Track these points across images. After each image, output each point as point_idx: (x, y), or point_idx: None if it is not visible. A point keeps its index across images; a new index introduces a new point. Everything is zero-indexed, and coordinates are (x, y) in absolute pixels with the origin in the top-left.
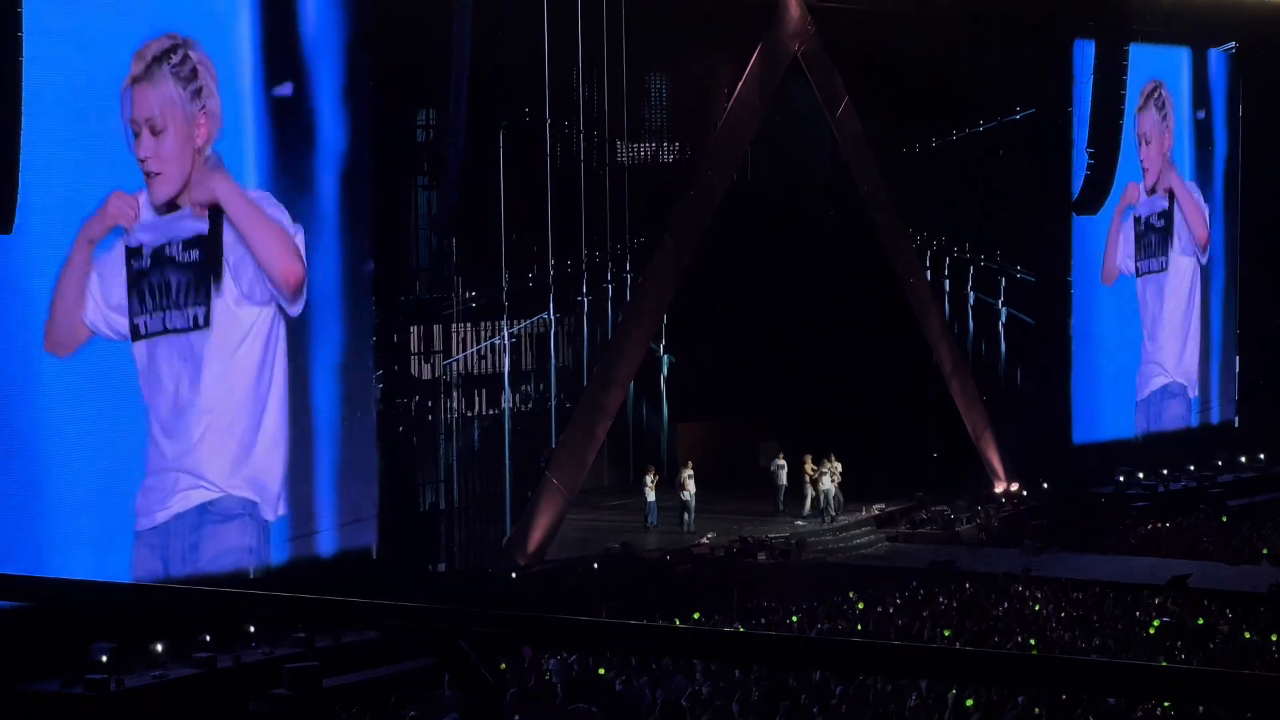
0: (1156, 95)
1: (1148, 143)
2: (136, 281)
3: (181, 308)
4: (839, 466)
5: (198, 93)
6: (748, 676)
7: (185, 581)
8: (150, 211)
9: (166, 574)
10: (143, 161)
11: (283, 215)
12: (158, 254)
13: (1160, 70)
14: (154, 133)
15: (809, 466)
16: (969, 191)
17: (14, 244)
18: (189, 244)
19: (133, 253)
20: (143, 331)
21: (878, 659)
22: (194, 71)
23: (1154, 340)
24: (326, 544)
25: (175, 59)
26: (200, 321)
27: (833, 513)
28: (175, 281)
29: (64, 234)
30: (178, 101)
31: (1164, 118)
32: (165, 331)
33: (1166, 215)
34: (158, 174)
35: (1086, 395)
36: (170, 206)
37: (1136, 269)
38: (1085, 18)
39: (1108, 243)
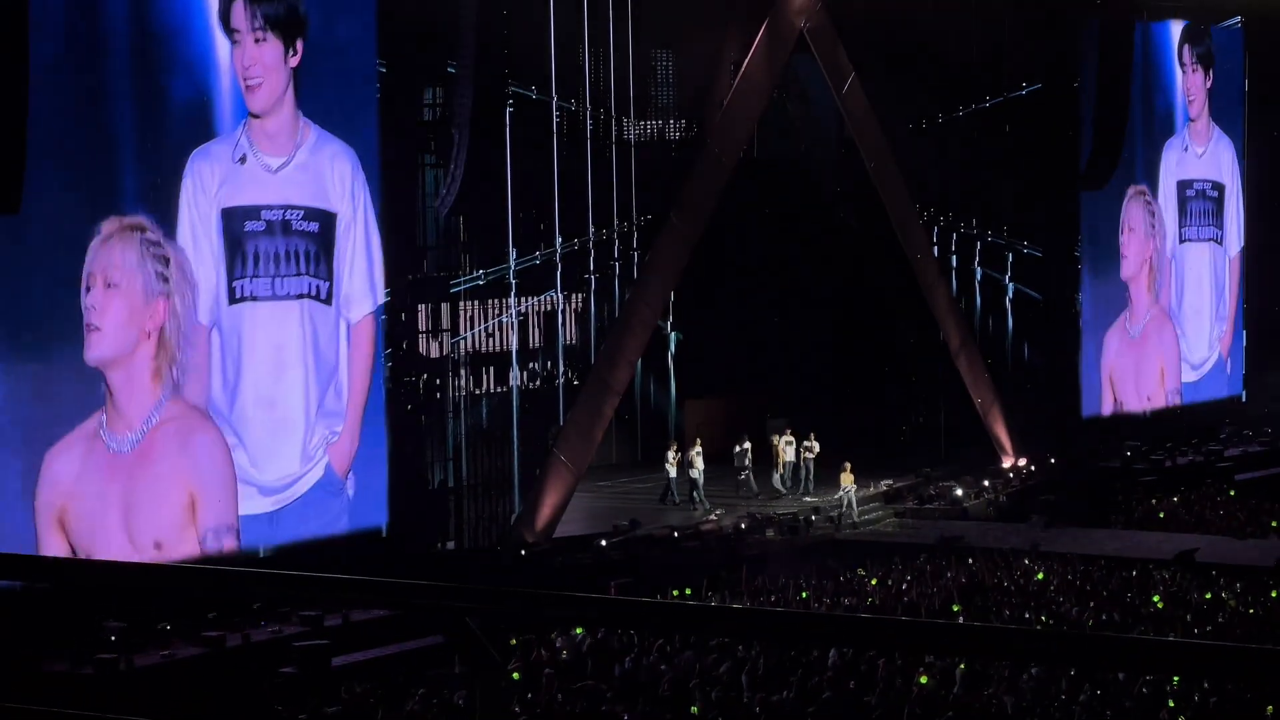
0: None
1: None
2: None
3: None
4: (815, 445)
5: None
6: (751, 651)
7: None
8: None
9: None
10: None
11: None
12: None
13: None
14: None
15: (775, 440)
16: (976, 167)
17: None
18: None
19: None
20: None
21: (886, 635)
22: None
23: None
24: (337, 522)
25: None
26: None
27: (783, 488)
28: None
29: None
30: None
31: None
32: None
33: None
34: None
35: (1094, 370)
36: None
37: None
38: None
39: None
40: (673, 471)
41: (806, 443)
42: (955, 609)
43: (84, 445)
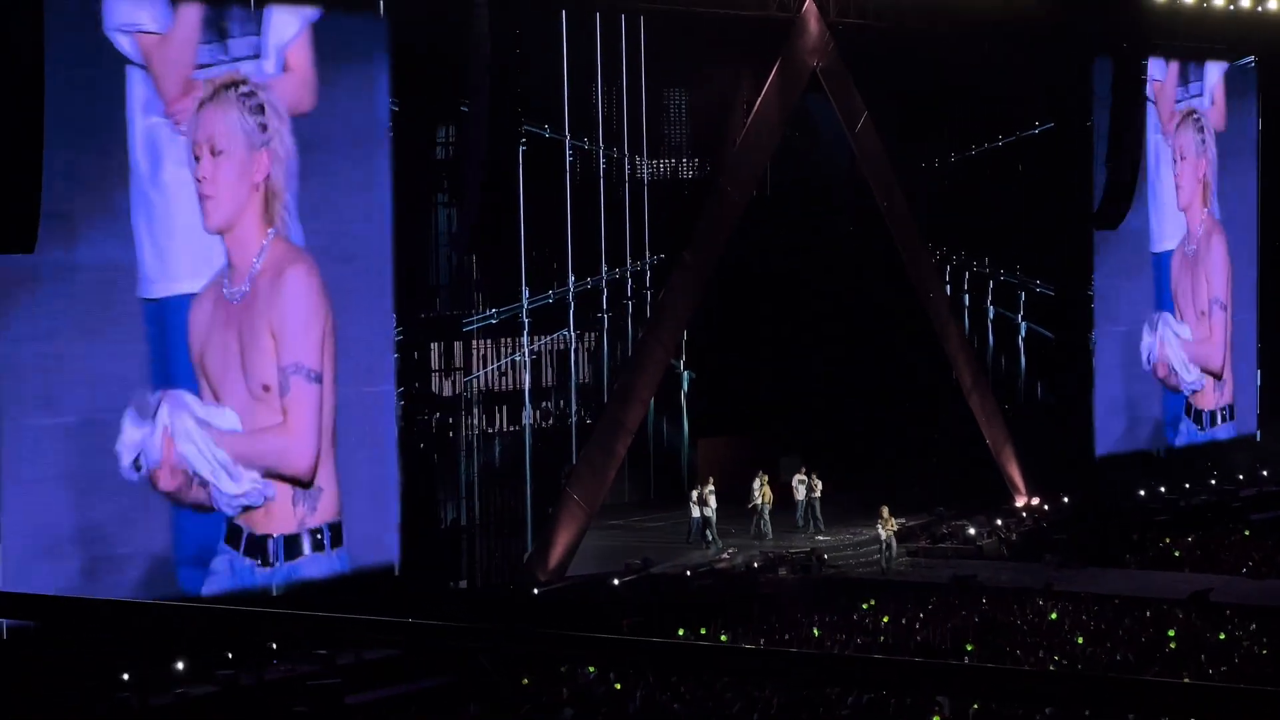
0: (1195, 118)
1: (1182, 158)
2: None
3: None
4: (818, 483)
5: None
6: (765, 690)
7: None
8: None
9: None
10: (199, 182)
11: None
12: None
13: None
14: (213, 154)
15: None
16: (988, 206)
17: None
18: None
19: None
20: None
21: (898, 675)
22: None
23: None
24: (348, 561)
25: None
26: None
27: (800, 525)
28: None
29: None
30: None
31: (1202, 140)
32: None
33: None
34: (210, 198)
35: (1108, 409)
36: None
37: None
38: (1104, 32)
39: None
40: (695, 511)
41: (807, 480)
42: (969, 648)
43: (212, 298)
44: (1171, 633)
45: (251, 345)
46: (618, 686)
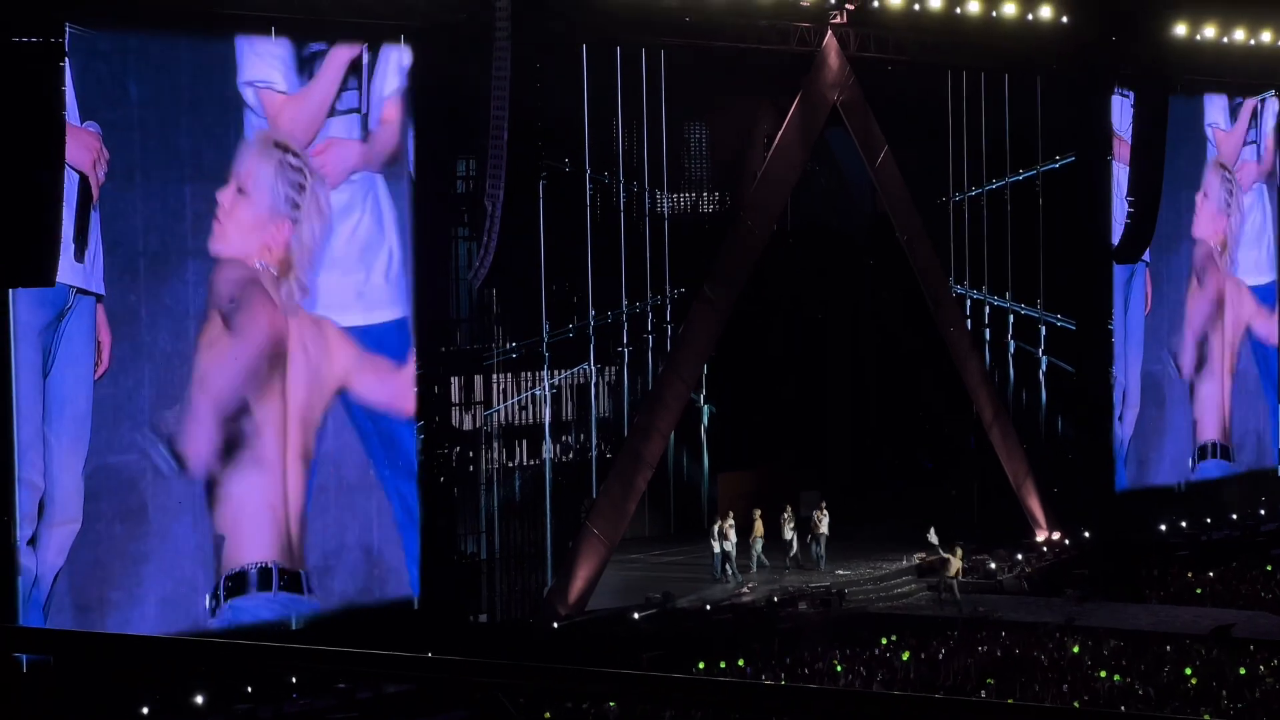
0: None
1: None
2: None
3: None
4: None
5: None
6: None
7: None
8: None
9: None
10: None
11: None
12: None
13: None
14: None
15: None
16: (1009, 240)
17: None
18: None
19: None
20: None
21: (921, 711)
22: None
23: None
24: (368, 594)
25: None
26: None
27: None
28: None
29: None
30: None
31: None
32: None
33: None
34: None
35: (1129, 443)
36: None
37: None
38: (1125, 66)
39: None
40: (719, 546)
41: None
42: (989, 682)
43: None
44: (1189, 670)
45: None
46: None
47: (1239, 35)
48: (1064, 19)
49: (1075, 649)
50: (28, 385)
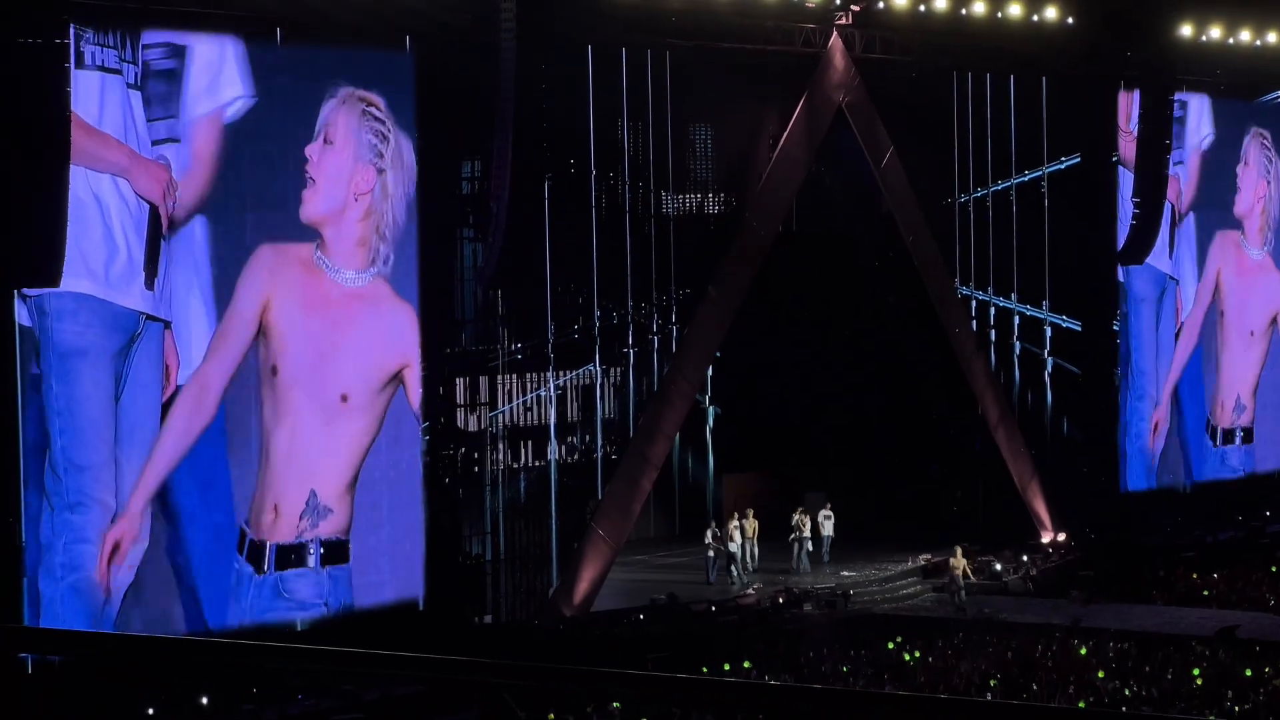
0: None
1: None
2: None
3: None
4: (813, 519)
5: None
6: None
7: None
8: None
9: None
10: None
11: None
12: None
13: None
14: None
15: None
16: (1014, 241)
17: None
18: None
19: None
20: None
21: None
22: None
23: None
24: (373, 596)
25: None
26: None
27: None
28: None
29: None
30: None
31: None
32: None
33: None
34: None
35: (1134, 444)
36: None
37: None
38: (1131, 66)
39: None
40: (733, 547)
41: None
42: (991, 684)
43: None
44: (1197, 671)
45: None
46: None
47: (1245, 36)
48: (1069, 20)
49: (1083, 650)
50: (100, 409)
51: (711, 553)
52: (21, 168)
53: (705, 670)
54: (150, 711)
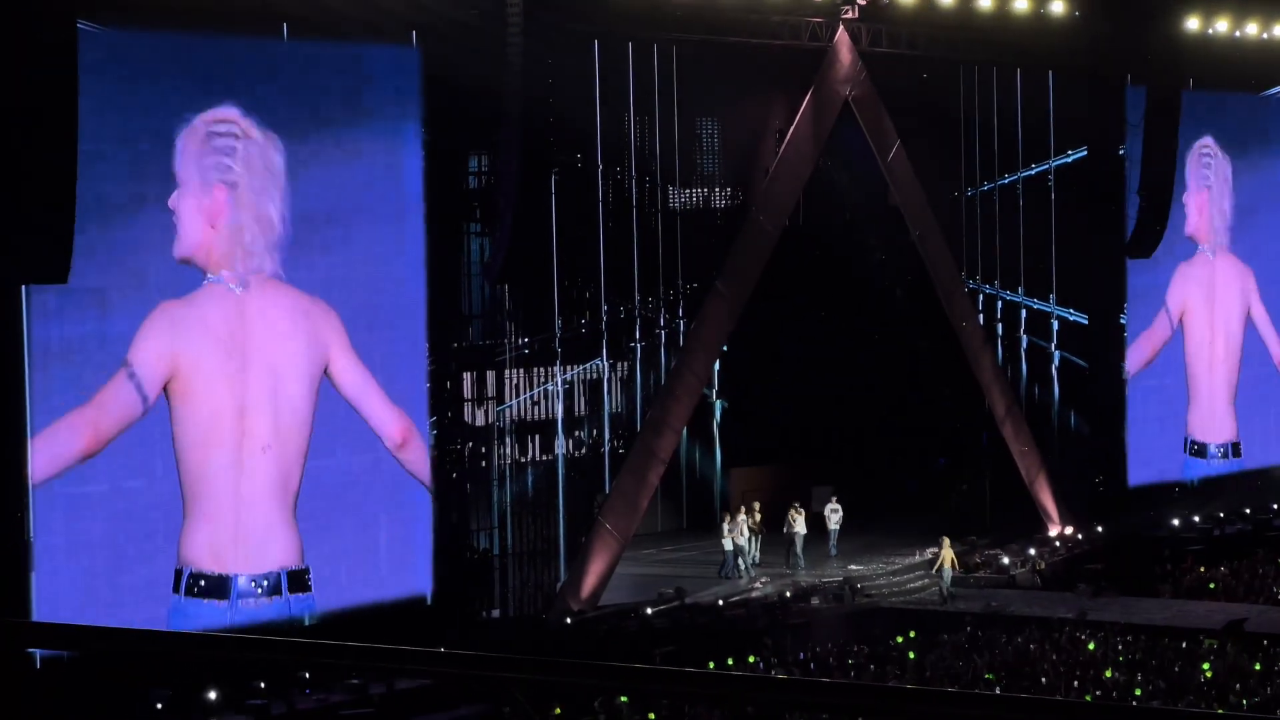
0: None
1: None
2: None
3: None
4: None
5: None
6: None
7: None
8: None
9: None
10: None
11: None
12: None
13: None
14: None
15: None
16: (1021, 235)
17: None
18: None
19: None
20: None
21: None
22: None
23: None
24: (381, 591)
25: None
26: None
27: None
28: None
29: None
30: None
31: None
32: None
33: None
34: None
35: (1140, 437)
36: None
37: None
38: (1137, 60)
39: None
40: (740, 540)
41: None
42: (988, 677)
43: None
44: (1206, 665)
45: None
46: (651, 717)
47: (1251, 29)
48: (1076, 13)
49: (1091, 645)
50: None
51: (730, 545)
52: (26, 166)
53: (712, 664)
54: (159, 706)
